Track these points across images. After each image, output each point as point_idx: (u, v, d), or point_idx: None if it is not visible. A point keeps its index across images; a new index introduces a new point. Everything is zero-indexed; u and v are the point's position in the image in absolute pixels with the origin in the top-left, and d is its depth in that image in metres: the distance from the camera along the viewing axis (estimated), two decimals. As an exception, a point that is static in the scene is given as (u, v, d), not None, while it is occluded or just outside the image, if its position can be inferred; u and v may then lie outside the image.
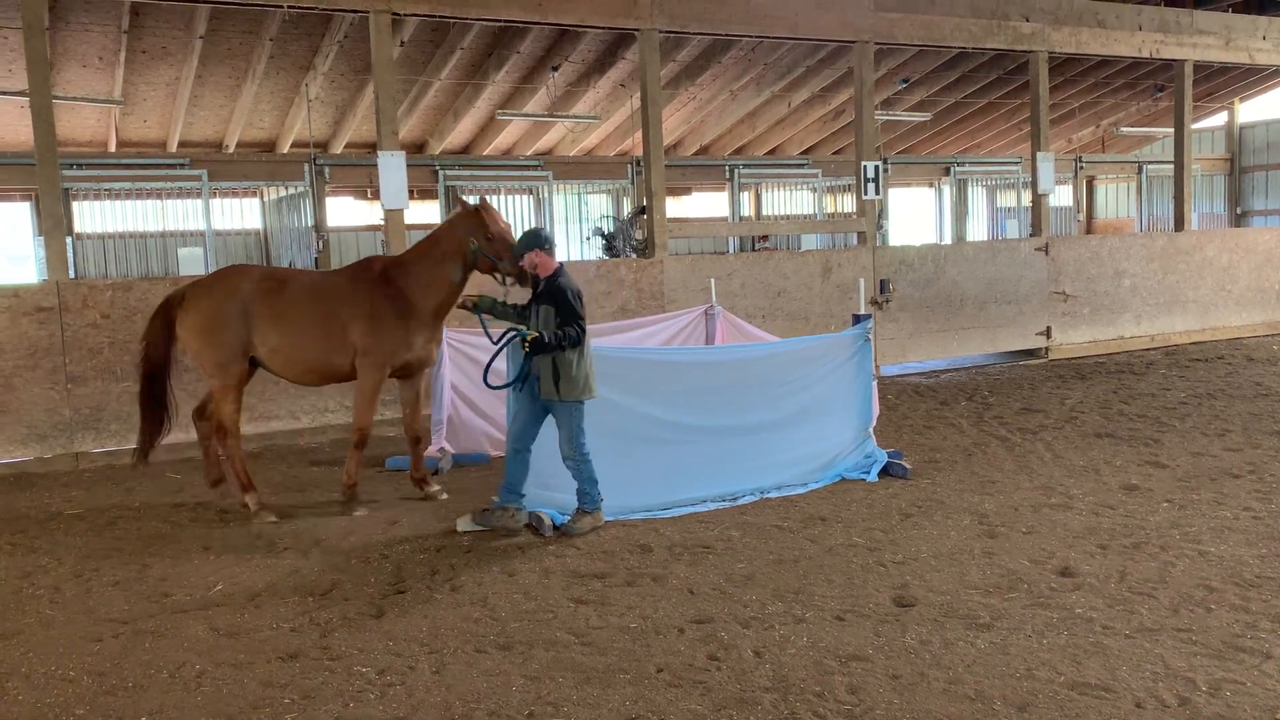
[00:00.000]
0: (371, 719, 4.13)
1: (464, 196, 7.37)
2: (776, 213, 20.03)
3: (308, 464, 8.81)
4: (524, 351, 6.20)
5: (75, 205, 14.86)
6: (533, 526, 6.53)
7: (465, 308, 6.84)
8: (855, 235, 13.72)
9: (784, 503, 7.10)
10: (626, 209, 17.90)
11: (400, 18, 11.30)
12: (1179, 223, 15.36)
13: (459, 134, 18.24)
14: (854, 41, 12.41)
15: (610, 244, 15.79)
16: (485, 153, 18.74)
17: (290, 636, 4.96)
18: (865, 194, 12.55)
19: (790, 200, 20.08)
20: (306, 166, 15.47)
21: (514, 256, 6.78)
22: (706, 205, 21.03)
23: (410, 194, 9.68)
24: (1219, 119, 23.92)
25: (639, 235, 14.51)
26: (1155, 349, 14.54)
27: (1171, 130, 16.25)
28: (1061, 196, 21.15)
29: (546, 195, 17.68)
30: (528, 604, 5.30)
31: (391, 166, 9.73)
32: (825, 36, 12.52)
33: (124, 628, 5.13)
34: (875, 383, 8.05)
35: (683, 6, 11.22)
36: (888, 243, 18.65)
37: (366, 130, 16.95)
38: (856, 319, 8.01)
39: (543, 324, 6.30)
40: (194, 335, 7.06)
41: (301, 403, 9.57)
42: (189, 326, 7.07)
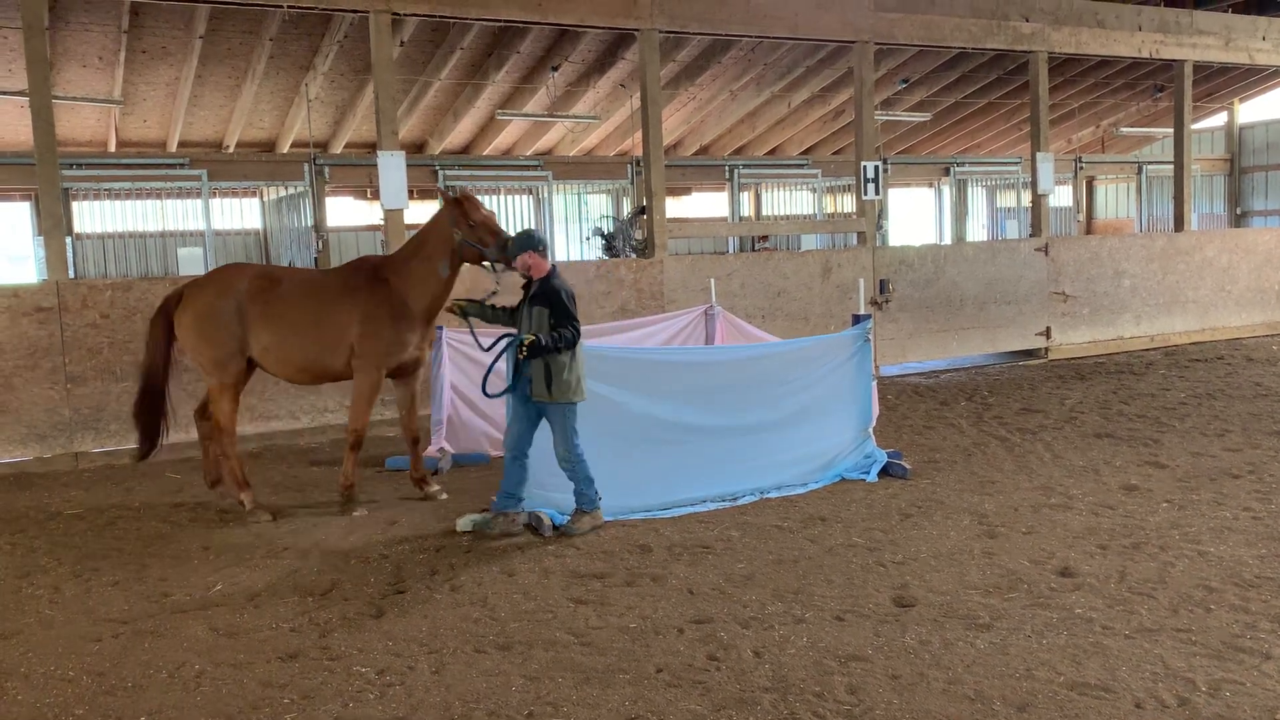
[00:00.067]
0: (371, 719, 4.13)
1: (442, 186, 7.34)
2: (776, 213, 20.03)
3: (307, 464, 8.81)
4: (521, 356, 6.20)
5: (75, 205, 14.86)
6: (532, 527, 6.53)
7: (453, 311, 6.84)
8: (855, 235, 13.72)
9: (784, 503, 7.10)
10: (626, 209, 17.89)
11: (400, 18, 11.31)
12: (1179, 223, 15.36)
13: (459, 134, 18.24)
14: (854, 41, 12.41)
15: (610, 244, 15.78)
16: (485, 153, 18.74)
17: (290, 636, 4.96)
18: (865, 194, 12.55)
19: (790, 200, 20.07)
20: (306, 166, 15.46)
21: (499, 242, 6.81)
22: (706, 205, 21.02)
23: (410, 194, 9.68)
24: (1219, 119, 23.93)
25: (639, 235, 14.50)
26: (1155, 349, 14.54)
27: (1171, 130, 16.26)
28: (1061, 197, 21.15)
29: (546, 195, 17.68)
30: (527, 604, 5.30)
31: (391, 166, 9.74)
32: (825, 36, 12.53)
33: (123, 628, 5.13)
34: (875, 383, 8.05)
35: (683, 6, 11.22)
36: (887, 243, 18.66)
37: (366, 130, 16.95)
38: (856, 319, 8.00)
39: (536, 325, 6.31)
40: (191, 333, 7.08)
41: (301, 403, 9.57)
42: (186, 325, 7.09)
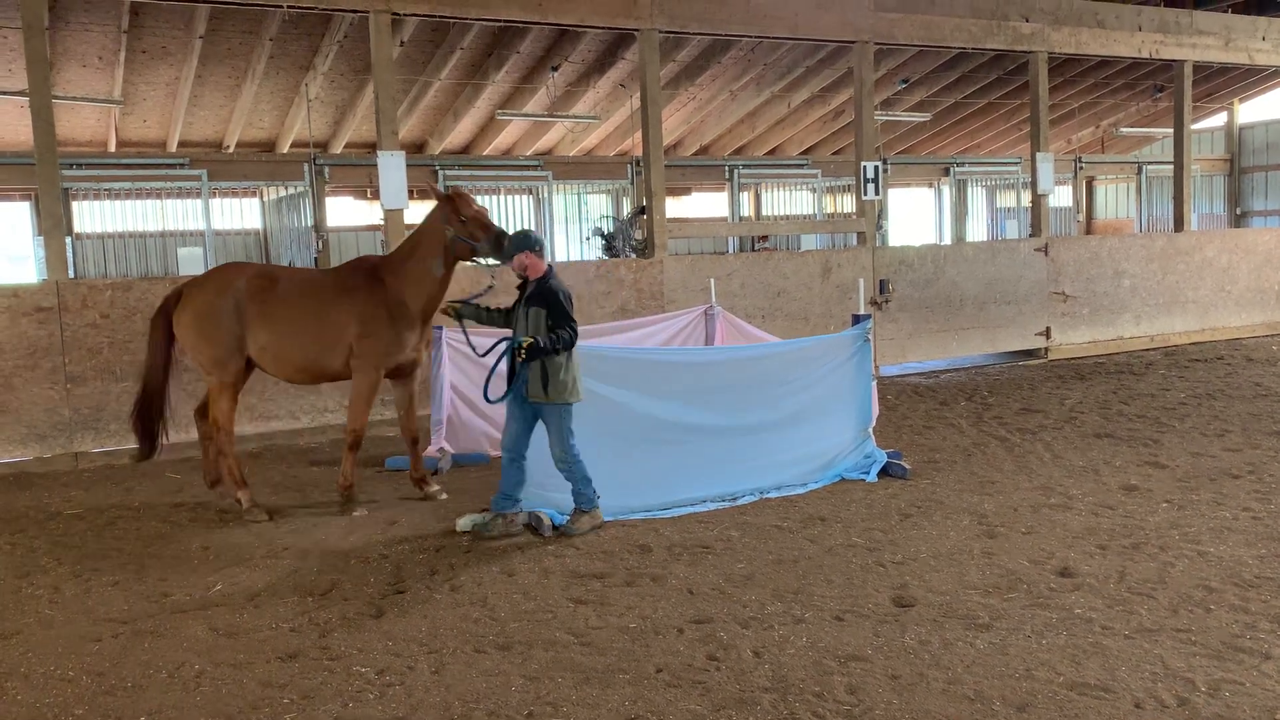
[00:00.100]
0: (371, 719, 4.13)
1: (434, 185, 7.34)
2: (776, 213, 20.03)
3: (307, 464, 8.81)
4: (520, 360, 6.19)
5: (75, 205, 14.86)
6: (532, 527, 6.53)
7: (447, 313, 6.83)
8: (855, 235, 13.72)
9: (783, 503, 7.10)
10: (626, 209, 17.89)
11: (400, 18, 11.31)
12: (1178, 223, 15.36)
13: (459, 134, 18.25)
14: (854, 42, 12.41)
15: (610, 244, 15.78)
16: (485, 153, 18.75)
17: (289, 636, 4.96)
18: (865, 194, 12.55)
19: (790, 200, 20.07)
20: (306, 166, 15.46)
21: (491, 236, 6.81)
22: (706, 205, 21.02)
23: (410, 194, 9.67)
24: (1218, 119, 23.93)
25: (638, 235, 14.50)
26: (1155, 349, 14.54)
27: (1171, 131, 16.26)
28: (1061, 197, 21.15)
29: (546, 195, 17.68)
30: (527, 604, 5.30)
31: (391, 166, 9.74)
32: (825, 37, 12.52)
33: (123, 628, 5.13)
34: (875, 383, 8.05)
35: (682, 6, 11.22)
36: (887, 243, 18.66)
37: (366, 130, 16.95)
38: (856, 319, 8.00)
39: (532, 326, 6.30)
40: (189, 331, 7.10)
41: (301, 403, 9.57)
42: (184, 323, 7.11)
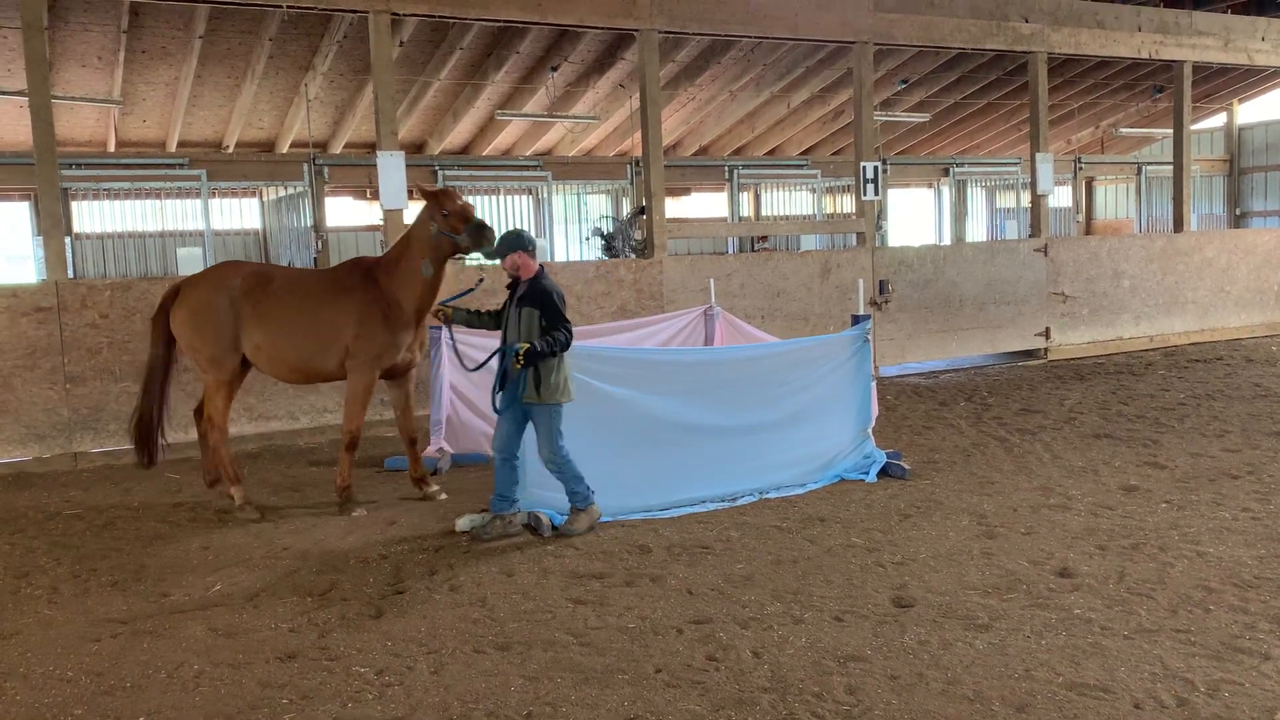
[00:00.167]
0: (370, 719, 4.13)
1: (420, 183, 7.33)
2: (776, 213, 20.03)
3: (306, 464, 8.80)
4: (518, 367, 6.17)
5: (74, 205, 14.86)
6: (531, 527, 6.53)
7: (437, 316, 6.83)
8: (854, 236, 13.72)
9: (783, 503, 7.10)
10: (626, 209, 17.90)
11: (399, 18, 11.31)
12: (1178, 224, 15.36)
13: (458, 134, 18.25)
14: (853, 42, 12.41)
15: (609, 244, 15.79)
16: (484, 153, 18.75)
17: (289, 637, 4.96)
18: (864, 195, 12.55)
19: (789, 201, 20.07)
20: (306, 166, 15.46)
21: (471, 229, 6.79)
22: (706, 206, 21.03)
23: (410, 194, 9.65)
24: (1218, 120, 23.94)
25: (638, 235, 14.51)
26: (1154, 350, 14.54)
27: (1170, 131, 16.26)
28: (1061, 197, 21.17)
29: (546, 195, 17.68)
30: (526, 604, 5.30)
31: (391, 166, 9.74)
32: (825, 37, 12.53)
33: (122, 628, 5.13)
34: (874, 383, 8.05)
35: (682, 6, 11.22)
36: (887, 243, 18.66)
37: (366, 130, 16.96)
38: (855, 319, 8.00)
39: (525, 326, 6.29)
40: (185, 328, 7.13)
41: (300, 403, 9.57)
42: (180, 320, 7.14)
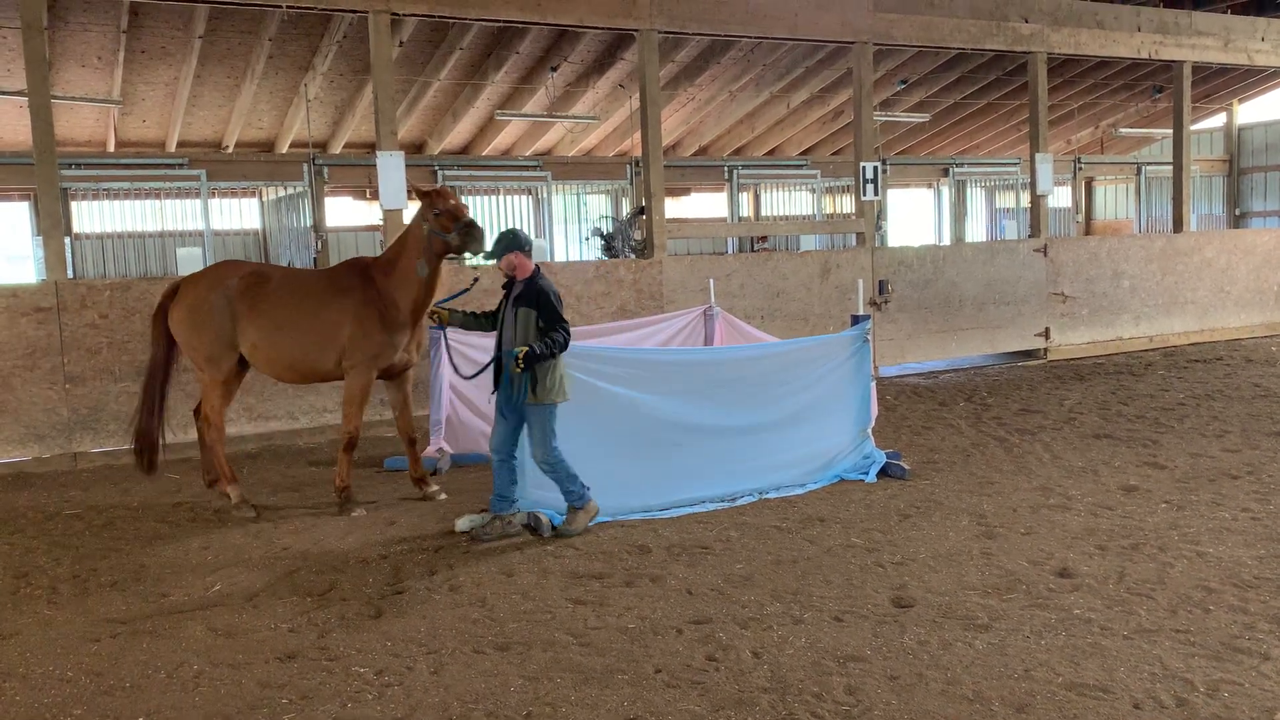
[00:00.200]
0: (369, 719, 4.13)
1: (415, 183, 7.31)
2: (775, 213, 20.03)
3: (306, 464, 8.80)
4: (518, 370, 6.16)
5: (74, 205, 14.86)
6: (531, 527, 6.52)
7: (433, 320, 6.82)
8: (854, 236, 13.73)
9: (782, 503, 7.10)
10: (625, 209, 17.90)
11: (399, 18, 11.31)
12: (1178, 224, 15.36)
13: (458, 134, 18.25)
14: (853, 42, 12.41)
15: (609, 244, 15.79)
16: (484, 153, 18.75)
17: (288, 637, 4.96)
18: (864, 195, 12.55)
19: (789, 201, 20.07)
20: (305, 166, 15.45)
21: (461, 227, 6.76)
22: (705, 206, 21.03)
23: (409, 194, 9.65)
24: (1218, 120, 23.95)
25: (638, 236, 14.51)
26: (1154, 350, 14.54)
27: (1170, 131, 16.27)
28: (1060, 197, 21.17)
29: (545, 196, 17.68)
30: (526, 604, 5.30)
31: (390, 167, 9.73)
32: (824, 37, 12.53)
33: (121, 628, 5.13)
34: (874, 383, 8.05)
35: (682, 7, 11.22)
36: (886, 244, 18.66)
37: (365, 130, 16.96)
38: (855, 320, 8.00)
39: (521, 326, 6.28)
40: (182, 326, 7.15)
41: (300, 403, 9.57)
42: (177, 318, 7.17)
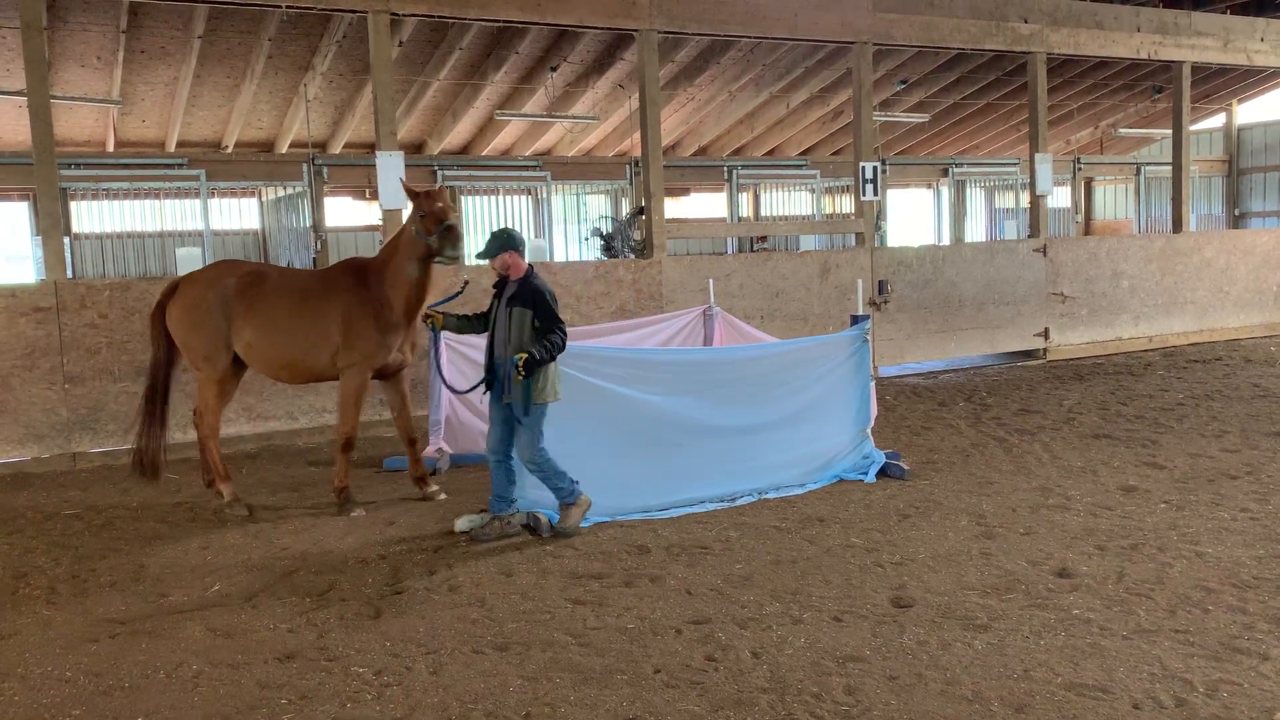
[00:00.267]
0: (368, 719, 4.13)
1: (407, 184, 7.28)
2: (775, 213, 20.04)
3: (305, 464, 8.80)
4: (521, 378, 6.13)
5: (73, 205, 14.85)
6: (530, 527, 6.52)
7: (425, 325, 6.80)
8: (853, 236, 13.72)
9: (782, 503, 7.10)
10: (625, 209, 17.89)
11: (399, 18, 11.30)
12: (1177, 224, 15.36)
13: (457, 134, 18.25)
14: (853, 42, 12.41)
15: (609, 244, 15.79)
16: (484, 153, 18.74)
17: (287, 637, 4.96)
18: (863, 195, 12.55)
19: (789, 201, 20.08)
20: (305, 166, 15.44)
21: (440, 230, 6.72)
22: (705, 206, 21.03)
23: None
24: (1217, 120, 23.95)
25: (637, 236, 14.50)
26: (1153, 350, 14.55)
27: (1170, 132, 16.26)
28: (1060, 198, 21.16)
29: (545, 196, 17.68)
30: (525, 604, 5.30)
31: (390, 167, 9.73)
32: (824, 37, 12.52)
33: (121, 628, 5.12)
34: (873, 383, 8.05)
35: (681, 7, 11.22)
36: (886, 244, 18.66)
37: (365, 130, 16.95)
38: (855, 320, 8.00)
39: (516, 326, 6.27)
40: (179, 325, 7.17)
41: (299, 403, 9.56)
42: (174, 316, 7.19)
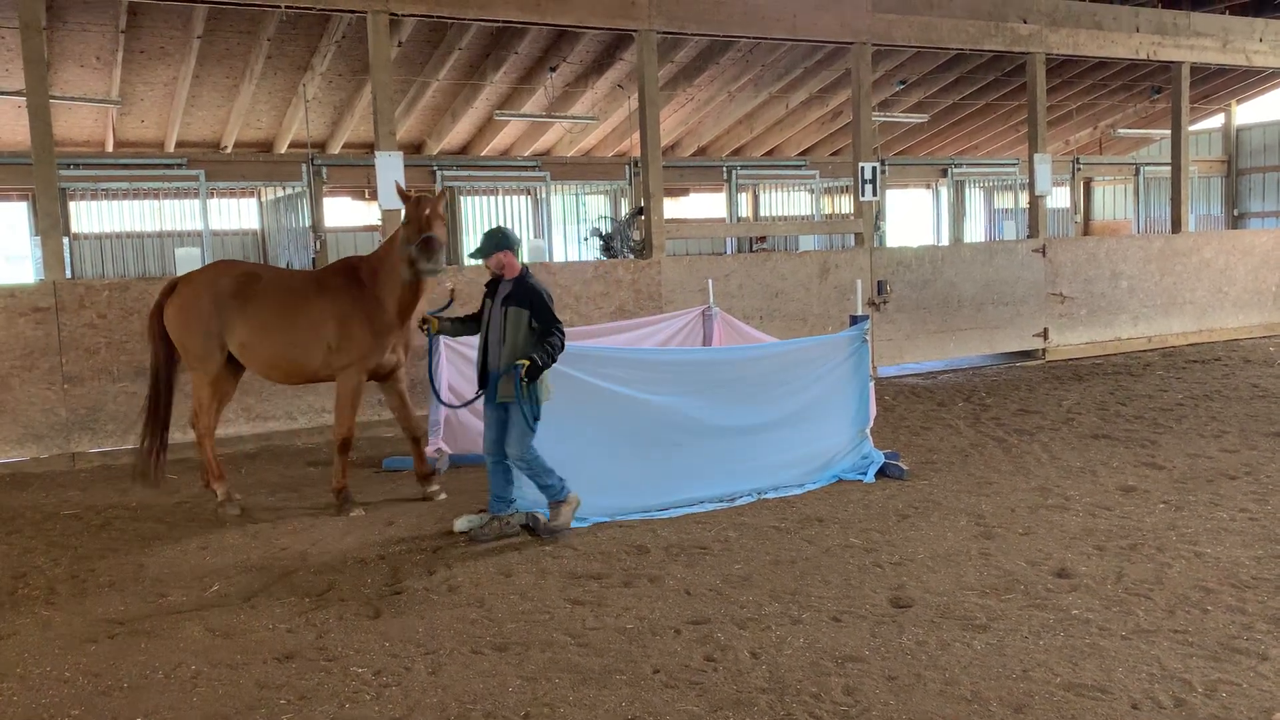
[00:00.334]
0: (367, 719, 4.13)
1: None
2: (774, 214, 20.04)
3: (304, 464, 8.80)
4: (525, 382, 6.11)
5: (72, 205, 14.86)
6: (529, 527, 6.51)
7: (421, 330, 6.79)
8: (853, 236, 13.72)
9: (781, 503, 7.10)
10: (624, 210, 17.89)
11: (398, 18, 11.30)
12: (1176, 224, 15.36)
13: (457, 134, 18.24)
14: (852, 43, 12.41)
15: (608, 245, 15.78)
16: (483, 153, 18.74)
17: (286, 637, 4.96)
18: (863, 195, 12.55)
19: (788, 201, 20.08)
20: (304, 167, 15.43)
21: (420, 241, 6.69)
22: (704, 206, 21.03)
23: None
24: (1216, 121, 23.95)
25: (636, 236, 14.50)
26: (1152, 350, 14.55)
27: (1169, 132, 16.26)
28: (1059, 198, 21.17)
29: (544, 196, 17.68)
30: (524, 605, 5.30)
31: (389, 167, 9.73)
32: (823, 38, 12.52)
33: (120, 628, 5.12)
34: (872, 384, 8.06)
35: (681, 7, 11.22)
36: (885, 244, 18.67)
37: (364, 130, 16.96)
38: (854, 320, 8.01)
39: (512, 326, 6.27)
40: (175, 324, 7.19)
41: (298, 403, 9.56)
42: (171, 317, 7.21)
